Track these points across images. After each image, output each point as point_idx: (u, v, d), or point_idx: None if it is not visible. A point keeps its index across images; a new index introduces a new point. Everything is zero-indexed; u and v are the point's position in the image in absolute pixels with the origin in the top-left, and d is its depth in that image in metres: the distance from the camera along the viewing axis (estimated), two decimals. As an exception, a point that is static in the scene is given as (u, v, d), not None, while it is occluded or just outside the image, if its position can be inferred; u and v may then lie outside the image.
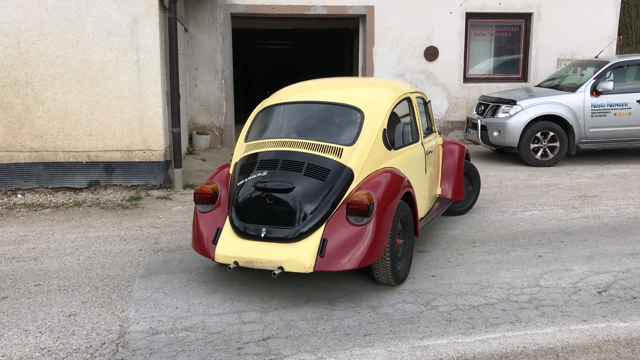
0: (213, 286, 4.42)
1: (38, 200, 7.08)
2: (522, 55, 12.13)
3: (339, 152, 4.33)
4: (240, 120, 11.78)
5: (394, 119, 4.85)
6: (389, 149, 4.65)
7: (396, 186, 4.37)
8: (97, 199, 7.16)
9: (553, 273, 4.68)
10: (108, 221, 6.25)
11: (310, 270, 3.94)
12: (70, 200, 7.09)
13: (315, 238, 4.03)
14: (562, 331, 3.69)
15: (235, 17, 11.48)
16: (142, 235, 5.74)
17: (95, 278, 4.60)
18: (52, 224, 6.12)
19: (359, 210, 4.02)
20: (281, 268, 3.96)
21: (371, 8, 11.37)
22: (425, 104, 5.79)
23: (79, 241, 5.56)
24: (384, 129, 4.59)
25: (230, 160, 4.76)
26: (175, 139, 7.61)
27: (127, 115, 7.36)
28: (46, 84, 7.21)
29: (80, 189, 7.42)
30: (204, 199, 4.48)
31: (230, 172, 4.64)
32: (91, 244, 5.49)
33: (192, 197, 7.12)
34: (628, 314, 3.93)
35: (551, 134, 9.30)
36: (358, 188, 4.22)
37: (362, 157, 4.35)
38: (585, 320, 3.83)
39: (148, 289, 4.37)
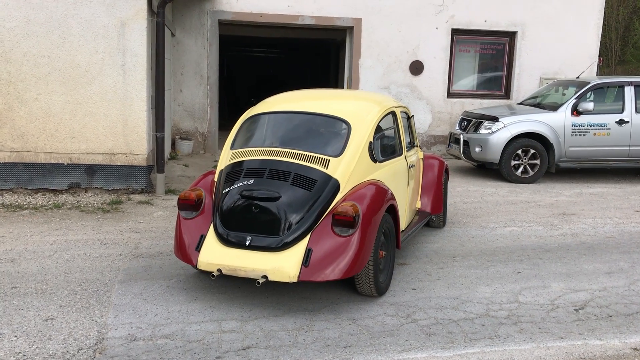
0: (193, 293, 4.39)
1: (17, 201, 6.98)
2: (505, 73, 12.31)
3: (326, 163, 4.35)
4: (223, 126, 11.75)
5: (379, 132, 4.88)
6: (374, 161, 4.69)
7: (381, 199, 4.40)
8: (78, 201, 7.08)
9: (531, 289, 4.73)
10: (88, 224, 6.18)
11: (295, 279, 3.94)
12: (50, 202, 7.00)
13: (300, 248, 4.04)
14: (540, 348, 3.73)
15: (223, 24, 11.48)
16: (122, 240, 5.69)
17: (73, 282, 4.55)
18: (31, 226, 6.04)
19: (344, 222, 4.04)
20: (265, 277, 3.96)
21: (359, 20, 11.46)
22: (409, 118, 5.85)
23: (57, 244, 5.49)
24: (370, 142, 4.63)
25: (214, 167, 4.75)
26: (158, 143, 7.57)
27: (111, 118, 7.30)
28: (29, 84, 7.13)
29: (61, 191, 7.33)
30: (188, 205, 4.46)
31: (215, 179, 4.63)
32: (70, 247, 5.42)
33: (174, 203, 7.08)
34: (604, 332, 3.99)
35: (532, 151, 9.43)
36: (344, 199, 4.24)
37: (349, 168, 4.38)
38: (562, 337, 3.88)
39: (127, 295, 4.33)
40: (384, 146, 5.03)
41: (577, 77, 10.66)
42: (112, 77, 7.25)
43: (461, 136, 9.93)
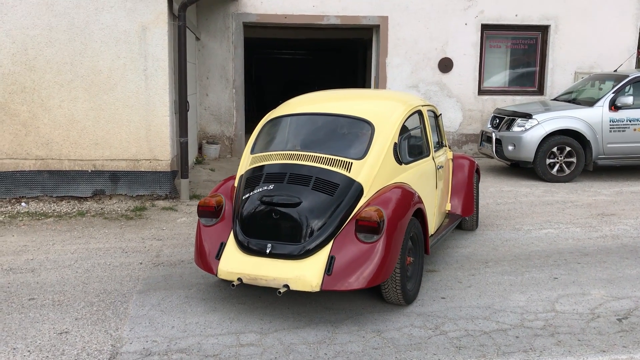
0: (212, 304, 4.24)
1: (42, 209, 6.96)
2: (538, 68, 11.89)
3: (348, 166, 4.16)
4: (251, 130, 11.63)
5: (404, 132, 4.66)
6: (400, 163, 4.47)
7: (407, 202, 4.18)
8: (102, 208, 7.03)
9: (570, 297, 4.44)
10: (110, 232, 6.11)
11: (317, 289, 3.76)
12: (74, 210, 6.96)
13: (323, 255, 3.86)
14: (580, 362, 3.47)
15: (247, 26, 11.37)
16: (144, 248, 5.59)
17: (91, 293, 4.44)
18: (54, 234, 5.99)
19: (368, 227, 3.85)
20: (287, 286, 3.79)
21: (385, 18, 11.21)
22: (436, 117, 5.61)
23: (79, 253, 5.42)
24: (395, 143, 4.42)
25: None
26: (182, 148, 7.48)
27: (134, 124, 7.24)
28: (53, 91, 7.11)
29: (85, 198, 7.30)
30: (208, 212, 4.32)
31: (236, 184, 4.49)
32: (91, 255, 5.34)
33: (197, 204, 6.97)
34: (650, 345, 3.69)
35: (568, 149, 9.05)
36: (367, 204, 4.05)
37: (372, 171, 4.18)
38: (604, 351, 3.60)
39: (145, 306, 4.20)
40: (410, 147, 4.81)
41: (615, 71, 10.20)
42: (134, 82, 7.18)
43: (493, 134, 9.60)
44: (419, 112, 5.03)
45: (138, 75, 7.18)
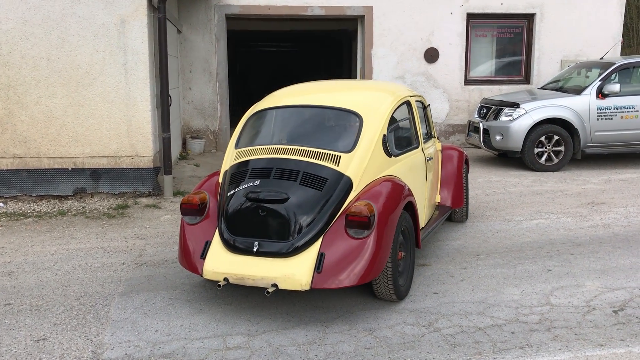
0: (197, 305, 4.09)
1: (20, 209, 6.75)
2: (524, 57, 11.82)
3: (337, 160, 4.02)
4: (235, 123, 11.44)
5: (393, 124, 4.53)
6: (389, 156, 4.34)
7: (397, 196, 4.06)
8: (83, 207, 6.84)
9: (564, 289, 4.35)
10: (92, 232, 5.92)
11: (307, 287, 3.63)
12: (55, 209, 6.76)
13: (312, 252, 3.72)
14: (578, 357, 3.37)
15: (230, 18, 11.17)
16: (126, 247, 5.41)
17: (71, 296, 4.27)
18: (33, 235, 5.80)
19: (359, 222, 3.72)
20: (275, 285, 3.65)
21: (370, 8, 11.06)
22: (424, 108, 5.49)
23: (59, 254, 5.23)
24: (384, 135, 4.28)
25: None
26: (165, 144, 7.29)
27: (115, 119, 7.04)
28: (29, 87, 6.89)
29: (66, 197, 7.09)
30: (192, 209, 4.16)
31: (220, 180, 4.33)
32: (72, 256, 5.16)
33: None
34: (648, 337, 3.61)
35: (556, 137, 8.98)
36: (357, 198, 3.92)
37: (362, 164, 4.04)
38: (602, 345, 3.51)
39: (127, 309, 4.04)
40: (399, 139, 4.68)
41: (601, 58, 10.15)
42: (114, 76, 6.98)
43: (481, 124, 9.51)
44: (408, 103, 4.90)
45: (118, 70, 6.97)
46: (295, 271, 3.67)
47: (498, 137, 9.17)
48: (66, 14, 6.83)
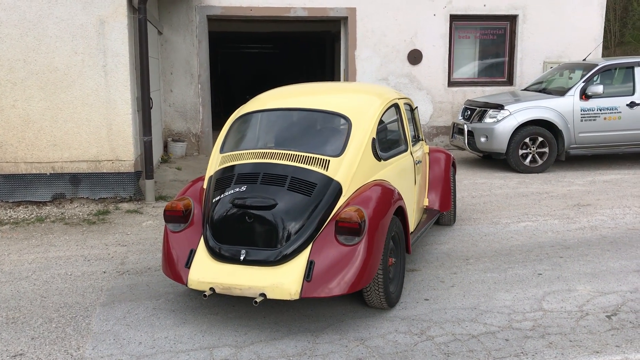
0: (182, 316, 3.96)
1: (-3, 216, 6.54)
2: (507, 58, 11.84)
3: (326, 164, 3.91)
4: (218, 126, 11.28)
5: (382, 127, 4.44)
6: (379, 159, 4.25)
7: (388, 200, 3.97)
8: (62, 213, 6.65)
9: (556, 294, 4.30)
10: (72, 239, 5.74)
11: (297, 297, 3.52)
12: (33, 216, 6.56)
13: (301, 260, 3.61)
14: (574, 365, 3.31)
15: (212, 20, 11.01)
16: (107, 255, 5.25)
17: (50, 307, 4.11)
18: (10, 243, 5.60)
19: (349, 229, 3.61)
20: (263, 295, 3.54)
21: (353, 10, 10.99)
22: (412, 110, 5.41)
23: (37, 262, 5.06)
24: (373, 138, 4.19)
25: (206, 172, 4.33)
26: (146, 148, 7.13)
27: (94, 123, 6.86)
28: (5, 90, 6.68)
29: (44, 203, 6.89)
30: (176, 216, 4.03)
31: (205, 186, 4.20)
32: (51, 265, 4.99)
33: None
34: (643, 343, 3.56)
35: (540, 139, 8.99)
36: (347, 204, 3.82)
37: (351, 169, 3.94)
38: (597, 352, 3.45)
39: (109, 320, 3.89)
40: (388, 142, 4.60)
41: (584, 60, 10.19)
42: (93, 79, 6.80)
43: (465, 126, 9.49)
44: (396, 106, 4.82)
45: (97, 72, 6.80)
46: (284, 280, 3.56)
47: (483, 139, 9.15)
48: (43, 15, 6.64)
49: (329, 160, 3.93)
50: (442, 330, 3.72)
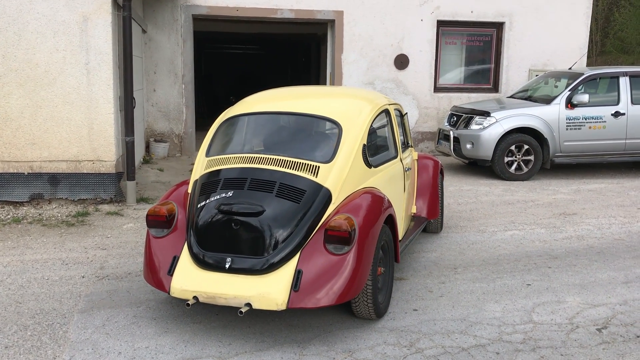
0: (164, 324, 3.82)
1: (-29, 216, 6.33)
2: (493, 65, 11.85)
3: (315, 170, 3.81)
4: (201, 127, 11.14)
5: (372, 133, 4.36)
6: (369, 166, 4.16)
7: (378, 209, 3.87)
8: (40, 214, 6.45)
9: (546, 305, 4.24)
10: (49, 241, 5.57)
11: (283, 307, 3.41)
12: (9, 216, 6.36)
13: (289, 269, 3.50)
14: (566, 380, 3.24)
15: (197, 19, 10.86)
16: (86, 259, 5.09)
17: (25, 314, 3.95)
18: (-16, 245, 5.42)
19: (338, 238, 3.51)
20: (249, 305, 3.42)
21: (340, 13, 10.91)
22: (402, 116, 5.34)
23: (12, 266, 4.88)
24: (364, 145, 4.10)
25: (191, 171, 4.19)
26: (128, 148, 6.96)
27: (75, 122, 6.68)
28: (-17, 86, 6.48)
29: (21, 203, 6.69)
30: (158, 221, 3.89)
31: (190, 190, 4.07)
32: (27, 269, 4.81)
33: (146, 213, 6.48)
34: (635, 358, 3.50)
35: (526, 147, 8.98)
36: (337, 211, 3.72)
37: (341, 176, 3.85)
38: (590, 367, 3.39)
39: (87, 329, 3.74)
40: (378, 148, 4.51)
41: (570, 69, 10.23)
42: (75, 77, 6.62)
43: (451, 132, 9.45)
44: (386, 112, 4.74)
45: (79, 70, 6.62)
46: (270, 289, 3.45)
47: (468, 146, 9.12)
48: (24, 10, 6.45)
49: (318, 167, 3.83)
50: (432, 343, 3.64)
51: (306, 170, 3.79)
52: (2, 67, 6.48)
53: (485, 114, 9.13)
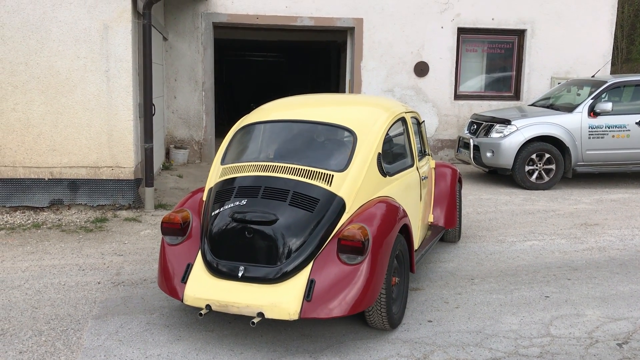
0: (176, 332, 3.82)
1: (-7, 221, 6.42)
2: (514, 73, 11.73)
3: (329, 179, 3.79)
4: (221, 134, 11.19)
5: (388, 142, 4.32)
6: (384, 175, 4.12)
7: (393, 218, 3.83)
8: (59, 219, 6.52)
9: (564, 319, 4.15)
10: (67, 247, 5.62)
11: (296, 317, 3.38)
12: (29, 221, 6.44)
13: (302, 279, 3.48)
14: (584, 397, 3.16)
15: (218, 27, 10.94)
16: (103, 265, 5.12)
17: (41, 319, 3.98)
18: (4, 249, 5.48)
19: (352, 247, 3.48)
20: (261, 314, 3.40)
21: (360, 21, 10.90)
22: (419, 124, 5.29)
23: (30, 271, 4.93)
24: (379, 153, 4.06)
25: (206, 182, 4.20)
26: (147, 155, 7.02)
27: (95, 128, 6.75)
28: (6, 93, 6.58)
29: (41, 209, 6.78)
30: (173, 229, 3.90)
31: (204, 198, 4.08)
32: (44, 274, 4.86)
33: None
34: (656, 374, 3.41)
35: (547, 155, 8.85)
36: (350, 221, 3.68)
37: (355, 185, 3.82)
38: (609, 383, 3.30)
39: (101, 335, 3.76)
40: (394, 157, 4.47)
41: (593, 76, 10.07)
42: (95, 84, 6.70)
43: (471, 140, 9.36)
44: (403, 120, 4.70)
45: (99, 77, 6.70)
46: (283, 299, 3.43)
47: (489, 154, 9.02)
48: (46, 18, 6.55)
49: (332, 175, 3.81)
50: (446, 355, 3.58)
51: (320, 178, 3.77)
52: (25, 75, 6.58)
53: (506, 121, 9.02)
